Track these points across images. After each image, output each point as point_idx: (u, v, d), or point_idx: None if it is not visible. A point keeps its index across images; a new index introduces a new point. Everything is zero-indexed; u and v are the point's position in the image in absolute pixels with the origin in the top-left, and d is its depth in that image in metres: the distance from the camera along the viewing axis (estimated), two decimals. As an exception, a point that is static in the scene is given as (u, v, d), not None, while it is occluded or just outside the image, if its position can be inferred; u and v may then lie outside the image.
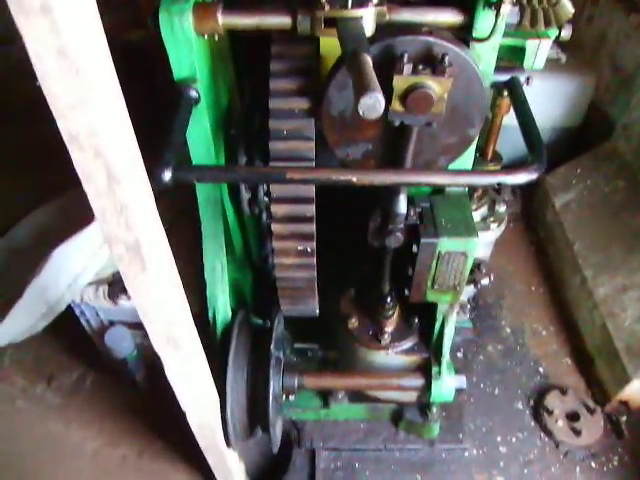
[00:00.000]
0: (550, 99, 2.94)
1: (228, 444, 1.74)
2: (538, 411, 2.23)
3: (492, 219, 2.17)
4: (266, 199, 1.75)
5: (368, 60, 0.90)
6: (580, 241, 2.54)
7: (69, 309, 2.11)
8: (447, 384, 1.83)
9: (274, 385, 1.67)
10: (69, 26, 0.70)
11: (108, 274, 2.07)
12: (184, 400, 1.43)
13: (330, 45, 1.49)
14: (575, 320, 2.50)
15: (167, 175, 1.16)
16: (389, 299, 1.81)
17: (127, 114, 0.89)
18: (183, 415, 2.13)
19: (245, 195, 1.74)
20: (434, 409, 2.03)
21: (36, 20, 0.68)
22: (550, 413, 2.19)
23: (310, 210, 1.47)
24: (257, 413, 1.71)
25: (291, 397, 1.85)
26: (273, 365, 1.67)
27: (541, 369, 2.39)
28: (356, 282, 1.99)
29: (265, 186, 1.70)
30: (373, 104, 0.81)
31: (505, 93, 1.81)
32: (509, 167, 1.27)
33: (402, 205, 1.52)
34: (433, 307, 1.80)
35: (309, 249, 1.54)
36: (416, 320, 1.89)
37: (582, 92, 2.98)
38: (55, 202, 2.59)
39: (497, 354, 2.45)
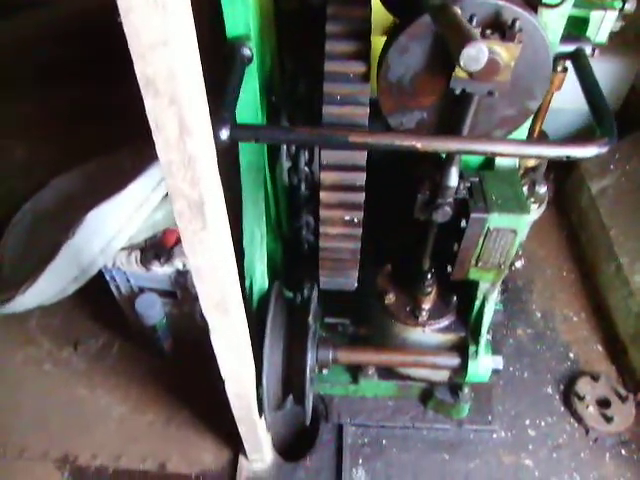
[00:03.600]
0: (589, 81, 2.86)
1: (261, 414, 1.73)
2: (568, 396, 2.20)
3: (532, 200, 2.12)
4: (306, 169, 1.72)
5: (458, 11, 0.85)
6: (617, 227, 2.48)
7: (99, 274, 2.09)
8: (484, 364, 1.80)
9: (311, 357, 1.65)
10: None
11: (141, 240, 2.04)
12: (226, 368, 1.41)
13: (380, 11, 1.45)
14: (608, 307, 2.45)
15: (225, 133, 1.12)
16: (429, 276, 1.78)
17: (200, 61, 0.85)
18: (211, 385, 2.12)
19: (285, 164, 1.70)
20: (465, 389, 2.00)
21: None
22: (581, 399, 2.16)
23: (360, 179, 1.43)
24: (292, 384, 1.69)
25: (324, 371, 1.82)
26: (310, 337, 1.65)
27: (571, 354, 2.36)
28: (394, 257, 1.95)
29: (307, 155, 1.66)
30: (476, 55, 0.77)
31: (559, 68, 1.76)
32: (577, 140, 1.22)
33: (454, 178, 1.47)
34: (473, 285, 1.76)
35: (356, 219, 1.50)
36: (454, 298, 1.85)
37: (623, 75, 2.89)
38: (79, 169, 2.55)
39: (527, 338, 2.41)
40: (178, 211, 0.96)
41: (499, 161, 1.64)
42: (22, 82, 2.97)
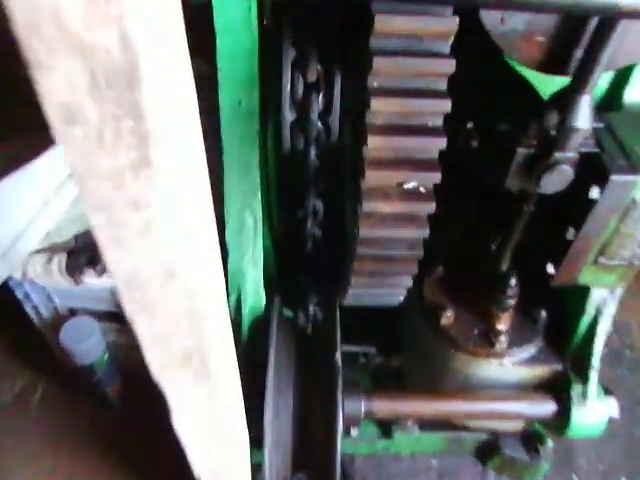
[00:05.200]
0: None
1: (258, 510, 1.09)
2: (671, 442, 1.63)
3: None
4: (320, 123, 1.13)
5: None
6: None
7: (8, 291, 1.42)
8: (597, 411, 1.20)
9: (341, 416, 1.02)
10: None
11: (67, 237, 1.37)
12: (200, 462, 0.76)
13: None
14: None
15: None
16: (513, 281, 1.16)
17: None
18: (173, 448, 1.46)
19: (288, 116, 1.11)
20: (549, 443, 1.40)
21: None
22: (690, 444, 1.59)
23: (440, 110, 0.81)
24: (309, 460, 1.06)
25: (353, 432, 1.20)
26: (340, 386, 1.02)
27: (662, 382, 1.79)
28: (448, 253, 1.33)
29: (321, 101, 1.08)
30: None
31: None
32: None
33: (584, 115, 0.87)
34: (578, 295, 1.16)
35: (423, 189, 0.88)
36: (543, 314, 1.24)
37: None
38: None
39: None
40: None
41: (629, 97, 1.06)
42: None
